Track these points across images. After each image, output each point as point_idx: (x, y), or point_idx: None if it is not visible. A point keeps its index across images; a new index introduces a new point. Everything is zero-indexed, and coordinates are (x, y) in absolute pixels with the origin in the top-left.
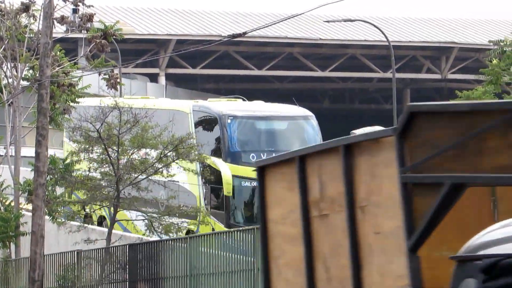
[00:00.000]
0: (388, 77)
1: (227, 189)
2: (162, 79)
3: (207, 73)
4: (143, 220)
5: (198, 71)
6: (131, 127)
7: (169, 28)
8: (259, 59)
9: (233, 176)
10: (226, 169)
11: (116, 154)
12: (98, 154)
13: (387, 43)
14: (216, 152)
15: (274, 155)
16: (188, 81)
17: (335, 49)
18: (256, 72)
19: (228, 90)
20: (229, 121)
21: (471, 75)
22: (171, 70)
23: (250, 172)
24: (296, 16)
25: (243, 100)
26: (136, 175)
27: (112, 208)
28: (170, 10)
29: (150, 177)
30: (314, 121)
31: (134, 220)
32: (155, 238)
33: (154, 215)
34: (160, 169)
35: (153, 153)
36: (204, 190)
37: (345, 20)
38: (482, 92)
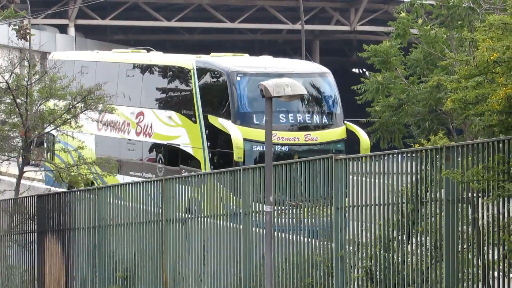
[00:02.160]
0: (297, 29)
1: (237, 154)
2: (72, 30)
3: (116, 24)
4: (52, 171)
5: (107, 22)
6: (40, 77)
7: None
8: (169, 10)
9: (244, 139)
10: (237, 132)
11: (24, 105)
12: (7, 105)
13: None
14: (224, 113)
15: (290, 116)
16: (97, 32)
17: (244, 0)
18: (165, 23)
19: (137, 41)
20: (238, 78)
21: (380, 27)
22: (81, 21)
23: (263, 135)
24: None
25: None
26: (45, 126)
27: (20, 159)
28: None
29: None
30: (331, 78)
31: (45, 171)
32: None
33: (62, 165)
34: (69, 120)
35: (62, 104)
36: (210, 155)
37: None
38: (389, 46)
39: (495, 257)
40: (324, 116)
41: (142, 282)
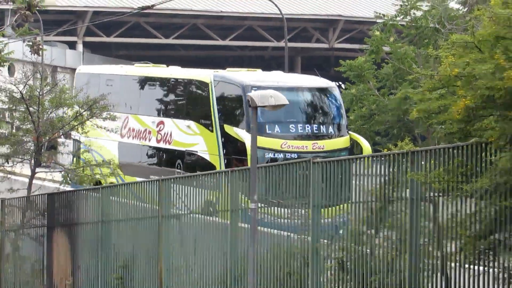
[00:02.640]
0: (281, 46)
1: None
2: (80, 47)
3: (120, 41)
4: (60, 172)
5: (112, 39)
6: (51, 88)
7: (86, 1)
8: (167, 29)
9: (258, 147)
10: None
11: (36, 113)
12: (21, 113)
13: (280, 16)
14: (240, 123)
15: (299, 126)
16: (103, 48)
17: (235, 20)
18: (163, 40)
19: (139, 56)
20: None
21: (355, 44)
22: (88, 39)
23: (274, 143)
24: None
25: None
26: (54, 132)
27: (32, 161)
28: None
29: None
30: (337, 92)
31: (51, 171)
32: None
33: (70, 167)
34: (76, 126)
35: (70, 112)
36: (226, 161)
37: None
38: (363, 61)
39: (453, 249)
40: (330, 126)
41: (140, 271)
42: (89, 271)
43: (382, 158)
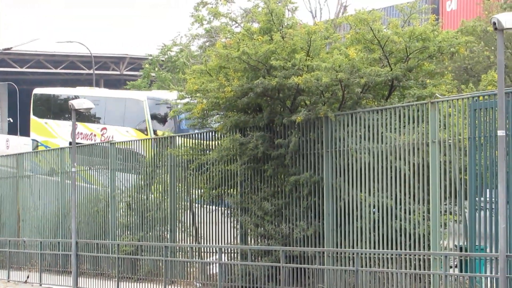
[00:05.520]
0: (91, 73)
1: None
2: None
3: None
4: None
5: (24, 69)
6: None
7: None
8: (21, 62)
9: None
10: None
11: None
12: None
13: (90, 54)
14: (167, 128)
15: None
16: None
17: (62, 57)
18: (19, 69)
19: (5, 79)
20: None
21: (137, 72)
22: None
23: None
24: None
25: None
26: None
27: None
28: None
29: None
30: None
31: None
32: None
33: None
34: None
35: None
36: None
37: (67, 42)
38: (140, 82)
39: (196, 196)
40: None
41: (6, 210)
42: None
43: (155, 141)
